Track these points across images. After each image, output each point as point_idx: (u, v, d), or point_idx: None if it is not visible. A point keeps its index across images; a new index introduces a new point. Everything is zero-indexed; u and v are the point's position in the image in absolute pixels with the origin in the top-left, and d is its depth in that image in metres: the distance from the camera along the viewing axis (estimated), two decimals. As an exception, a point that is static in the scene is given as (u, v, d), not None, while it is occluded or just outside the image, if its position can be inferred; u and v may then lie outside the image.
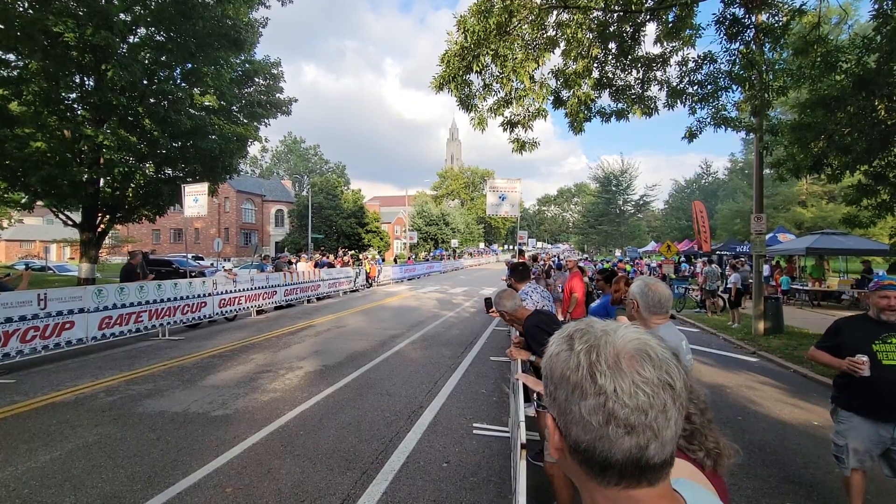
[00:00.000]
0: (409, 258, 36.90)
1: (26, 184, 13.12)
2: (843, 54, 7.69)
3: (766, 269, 15.42)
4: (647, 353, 0.64)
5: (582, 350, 0.65)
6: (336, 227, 44.32)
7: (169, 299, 9.99)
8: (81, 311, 8.15)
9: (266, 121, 17.97)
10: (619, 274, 4.97)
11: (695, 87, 8.83)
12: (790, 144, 9.61)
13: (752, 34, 7.79)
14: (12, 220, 39.10)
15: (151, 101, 14.21)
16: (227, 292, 11.87)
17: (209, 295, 11.22)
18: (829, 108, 8.52)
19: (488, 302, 4.83)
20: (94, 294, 8.46)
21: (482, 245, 75.18)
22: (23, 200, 14.90)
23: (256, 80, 17.24)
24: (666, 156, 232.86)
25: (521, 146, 8.85)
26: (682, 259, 26.21)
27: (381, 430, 4.82)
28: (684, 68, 8.75)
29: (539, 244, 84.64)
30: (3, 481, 3.68)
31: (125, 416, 5.12)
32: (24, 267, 9.11)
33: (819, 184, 30.75)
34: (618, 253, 45.46)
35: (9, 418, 5.06)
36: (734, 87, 8.74)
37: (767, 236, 14.48)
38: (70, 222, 15.01)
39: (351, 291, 19.65)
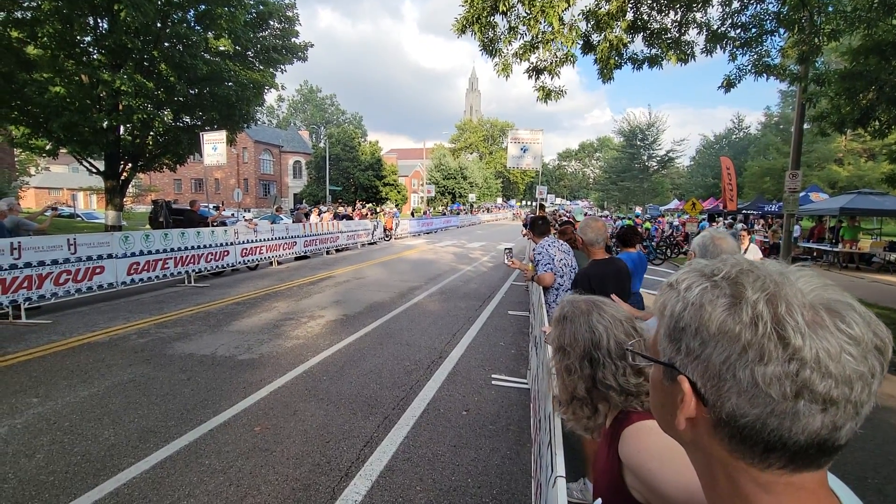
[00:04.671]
0: (425, 212, 36.79)
1: (48, 130, 13.22)
2: (905, -5, 7.00)
3: (796, 230, 14.94)
4: (850, 303, 0.50)
5: (761, 299, 0.50)
6: (354, 180, 44.12)
7: (193, 247, 10.19)
8: (110, 256, 8.37)
9: (282, 66, 17.59)
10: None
11: (737, 31, 8.21)
12: (836, 95, 8.99)
13: (807, -31, 7.11)
14: (39, 168, 39.95)
15: (166, 44, 13.90)
16: (248, 242, 12.04)
17: (231, 244, 11.39)
18: (884, 55, 7.87)
19: (508, 252, 4.78)
20: (121, 240, 8.65)
21: (500, 200, 74.33)
22: (47, 147, 15.07)
23: (271, 22, 16.71)
24: (695, 109, 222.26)
25: (547, 95, 8.44)
26: (705, 217, 25.51)
27: (401, 378, 4.94)
28: (728, 9, 8.11)
29: (558, 200, 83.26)
30: (45, 414, 3.91)
31: (157, 357, 5.34)
32: (51, 210, 9.35)
33: (859, 141, 29.15)
34: (638, 210, 44.52)
35: (47, 356, 5.32)
36: (781, 31, 8.10)
37: (800, 195, 13.90)
38: (94, 170, 15.22)
39: (369, 244, 19.80)
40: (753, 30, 7.95)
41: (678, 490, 0.83)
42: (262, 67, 16.86)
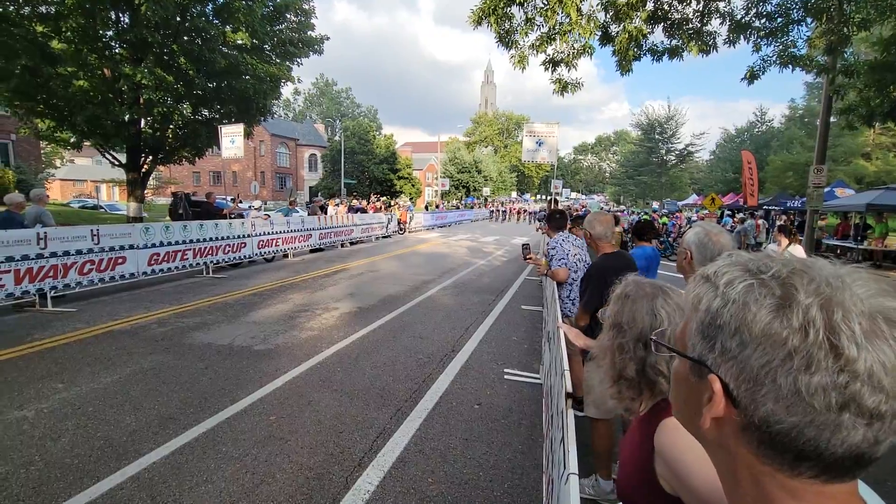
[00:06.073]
0: (438, 205, 36.80)
1: (73, 123, 13.55)
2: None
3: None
4: None
5: (814, 304, 0.46)
6: (368, 173, 44.28)
7: (211, 239, 10.38)
8: (132, 247, 8.58)
9: (298, 60, 17.66)
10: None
11: (762, 21, 7.98)
12: (866, 87, 8.70)
13: (837, -44, 6.88)
14: (64, 160, 40.97)
15: (185, 38, 14.08)
16: (265, 234, 12.21)
17: (248, 236, 11.56)
18: (919, 45, 7.58)
19: (526, 248, 4.76)
20: (142, 231, 8.85)
21: (514, 194, 73.77)
22: (71, 140, 15.44)
23: (288, 16, 16.77)
24: (716, 102, 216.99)
25: (564, 87, 8.34)
26: (727, 213, 24.99)
27: (414, 370, 4.97)
28: (752, -2, 7.87)
29: (573, 195, 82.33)
30: (70, 400, 4.04)
31: (176, 346, 5.46)
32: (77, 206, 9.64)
33: (889, 134, 28.20)
34: (655, 205, 43.76)
35: (72, 343, 5.48)
36: (808, 21, 7.85)
37: (825, 190, 13.50)
38: (116, 162, 15.57)
39: (383, 237, 19.89)
40: (779, 19, 7.73)
41: (709, 487, 0.84)
42: (278, 61, 16.96)
